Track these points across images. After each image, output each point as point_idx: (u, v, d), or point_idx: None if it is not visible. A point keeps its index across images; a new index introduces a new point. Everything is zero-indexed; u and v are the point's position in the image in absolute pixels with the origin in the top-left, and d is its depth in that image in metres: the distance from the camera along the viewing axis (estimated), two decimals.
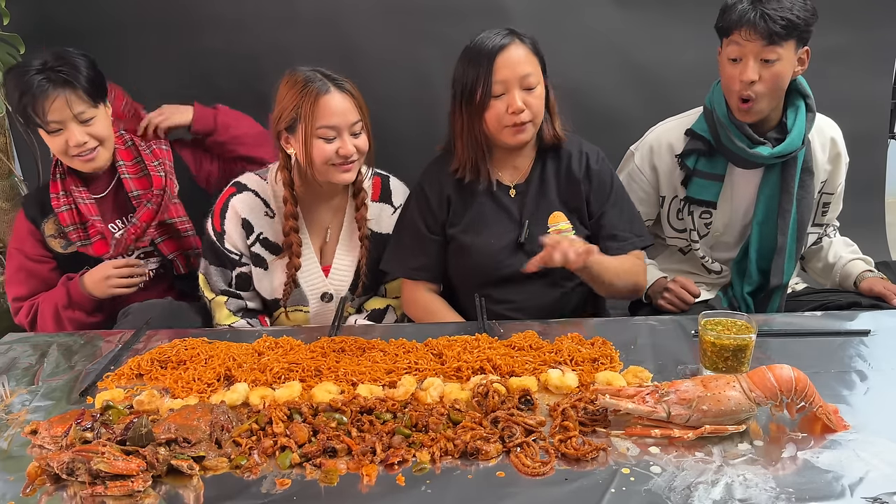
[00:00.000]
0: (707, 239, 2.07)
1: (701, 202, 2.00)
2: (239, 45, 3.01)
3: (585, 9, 3.00)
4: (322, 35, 3.00)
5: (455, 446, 1.18)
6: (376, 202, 1.99)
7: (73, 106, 1.88)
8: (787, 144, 1.87)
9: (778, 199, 1.95)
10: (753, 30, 1.75)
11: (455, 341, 1.59)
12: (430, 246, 1.93)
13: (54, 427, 1.25)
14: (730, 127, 1.89)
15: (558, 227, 1.84)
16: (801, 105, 1.91)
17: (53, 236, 2.06)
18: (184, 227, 2.15)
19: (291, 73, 1.79)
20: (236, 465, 1.17)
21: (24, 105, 1.87)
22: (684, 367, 1.47)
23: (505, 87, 1.73)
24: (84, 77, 1.90)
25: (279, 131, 1.81)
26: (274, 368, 1.48)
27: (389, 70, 3.06)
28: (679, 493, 1.06)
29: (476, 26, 2.87)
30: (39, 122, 1.89)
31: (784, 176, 1.93)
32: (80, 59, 1.92)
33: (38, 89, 1.85)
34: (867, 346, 1.53)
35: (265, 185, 1.93)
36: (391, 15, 2.99)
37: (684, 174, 2.00)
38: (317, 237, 1.96)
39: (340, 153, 1.76)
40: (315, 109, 1.72)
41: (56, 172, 2.04)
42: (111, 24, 2.98)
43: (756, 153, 1.88)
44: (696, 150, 1.96)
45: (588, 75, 3.05)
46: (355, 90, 1.79)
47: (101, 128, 1.96)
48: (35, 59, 1.89)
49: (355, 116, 1.77)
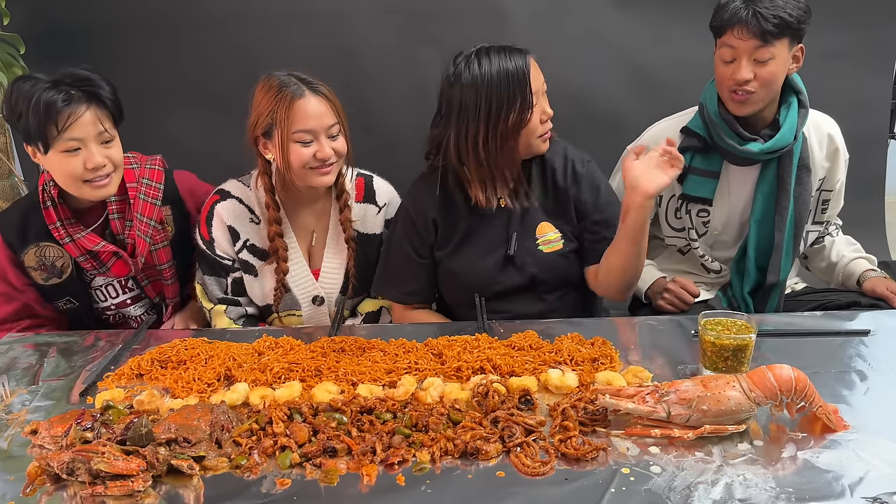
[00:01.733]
0: (706, 238, 2.07)
1: (697, 199, 2.00)
2: (238, 45, 3.01)
3: (585, 10, 3.00)
4: (322, 36, 3.01)
5: (455, 446, 1.18)
6: (360, 203, 1.97)
7: (101, 122, 1.74)
8: (777, 140, 1.87)
9: (775, 197, 1.95)
10: (746, 28, 1.75)
11: (455, 341, 1.59)
12: (419, 270, 1.91)
13: (54, 427, 1.25)
14: (720, 124, 1.90)
15: (547, 237, 1.85)
16: (794, 101, 1.91)
17: (33, 268, 1.90)
18: (169, 273, 2.00)
19: (266, 78, 1.77)
20: (236, 465, 1.17)
21: (40, 122, 1.69)
22: (684, 367, 1.47)
23: (537, 97, 1.73)
24: (109, 91, 1.79)
25: (256, 137, 1.80)
26: (274, 368, 1.48)
27: (388, 71, 3.06)
28: (679, 493, 1.06)
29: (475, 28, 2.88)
30: (54, 140, 1.71)
31: (780, 173, 1.93)
32: (100, 79, 1.79)
33: (63, 103, 1.69)
34: (867, 346, 1.53)
35: (248, 192, 1.92)
36: (390, 16, 2.99)
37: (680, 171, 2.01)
38: (303, 241, 1.96)
39: (318, 156, 1.75)
40: (290, 114, 1.71)
41: (45, 200, 1.83)
42: (111, 24, 2.99)
43: (746, 150, 1.88)
44: (691, 147, 1.97)
45: (587, 76, 3.05)
46: (331, 93, 1.77)
47: (117, 151, 1.82)
48: (41, 75, 1.74)
49: (331, 119, 1.75)
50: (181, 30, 3.00)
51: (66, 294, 1.95)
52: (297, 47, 2.99)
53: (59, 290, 1.94)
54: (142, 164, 1.95)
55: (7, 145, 2.98)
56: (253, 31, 3.00)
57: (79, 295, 1.96)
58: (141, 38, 3.01)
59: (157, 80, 3.03)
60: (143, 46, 3.01)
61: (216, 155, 2.30)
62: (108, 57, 2.93)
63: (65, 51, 2.95)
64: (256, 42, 3.00)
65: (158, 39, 3.01)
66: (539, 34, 3.00)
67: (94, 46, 2.97)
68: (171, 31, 3.00)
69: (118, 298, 2.01)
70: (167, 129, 3.01)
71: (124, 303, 2.02)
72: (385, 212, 1.99)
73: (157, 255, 1.95)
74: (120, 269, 1.92)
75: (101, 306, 2.02)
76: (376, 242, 1.99)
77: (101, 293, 2.00)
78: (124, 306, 2.02)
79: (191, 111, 3.08)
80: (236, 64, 2.99)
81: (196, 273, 1.97)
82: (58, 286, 1.93)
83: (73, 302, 1.96)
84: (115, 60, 2.94)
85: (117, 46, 2.99)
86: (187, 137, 2.97)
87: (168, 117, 3.04)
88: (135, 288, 2.01)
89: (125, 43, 3.00)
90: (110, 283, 1.99)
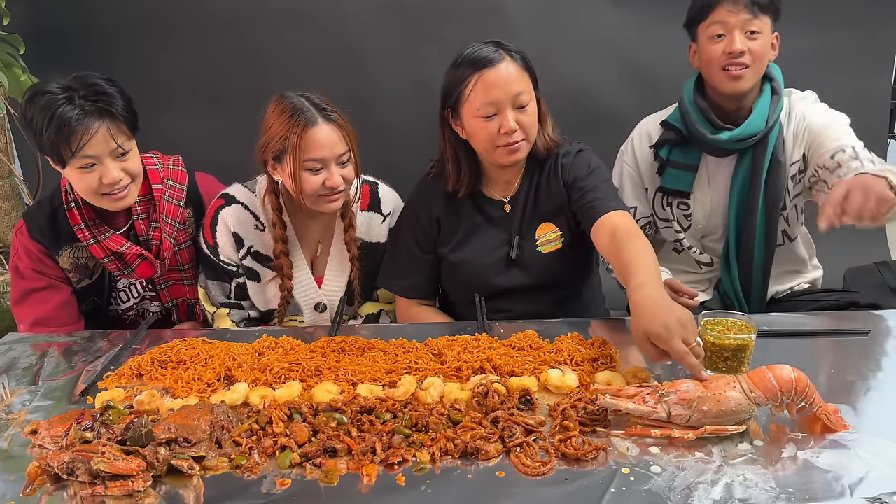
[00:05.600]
0: (692, 231, 2.08)
1: (675, 192, 2.02)
2: (240, 45, 3.01)
3: (584, 9, 3.00)
4: (323, 35, 3.01)
5: (455, 446, 1.18)
6: (365, 211, 1.97)
7: (115, 138, 1.70)
8: (746, 126, 1.88)
9: (748, 188, 1.96)
10: (737, 1, 1.80)
11: (455, 341, 1.59)
12: (422, 265, 1.93)
13: (54, 427, 1.25)
14: (694, 112, 1.92)
15: (546, 237, 1.85)
16: (767, 88, 1.92)
17: (68, 270, 1.91)
18: (191, 273, 2.00)
19: (279, 101, 1.75)
20: (236, 465, 1.17)
21: (56, 140, 1.66)
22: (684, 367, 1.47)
23: (497, 107, 1.69)
24: (121, 105, 1.72)
25: (266, 160, 1.79)
26: (274, 368, 1.48)
27: (389, 71, 3.06)
28: (679, 493, 1.06)
29: (476, 28, 2.88)
30: (69, 159, 1.68)
31: (755, 165, 1.94)
32: (110, 86, 1.73)
33: (77, 122, 1.64)
34: (867, 346, 1.53)
35: (254, 198, 1.91)
36: (391, 15, 2.99)
37: (658, 164, 2.02)
38: (308, 249, 1.96)
39: (327, 184, 1.74)
40: (302, 142, 1.70)
41: (68, 201, 1.83)
42: (111, 24, 2.99)
43: (717, 138, 1.90)
44: (668, 140, 1.99)
45: (586, 75, 3.06)
46: (343, 120, 1.76)
47: (134, 162, 1.79)
48: (55, 85, 1.69)
49: (343, 147, 1.75)
50: (182, 30, 3.00)
51: (92, 295, 1.97)
52: (298, 47, 2.99)
53: (87, 291, 1.95)
54: (165, 165, 1.95)
55: (7, 145, 2.98)
56: (254, 30, 3.01)
57: (102, 296, 1.97)
58: (141, 38, 3.01)
59: (157, 80, 3.03)
60: (143, 46, 3.02)
61: (217, 155, 2.31)
62: (108, 57, 2.94)
63: (65, 51, 2.96)
64: (258, 42, 3.00)
65: (159, 39, 3.01)
66: (539, 33, 3.00)
67: (94, 46, 2.97)
68: (171, 31, 3.01)
69: (137, 300, 2.02)
70: (167, 129, 3.01)
71: (142, 304, 2.04)
72: (390, 220, 1.99)
73: (180, 255, 1.96)
74: (145, 270, 1.91)
75: (121, 308, 2.02)
76: (380, 251, 1.99)
77: (124, 294, 2.01)
78: (142, 307, 2.05)
79: (191, 111, 3.09)
80: (237, 64, 2.99)
81: (200, 276, 1.97)
82: (87, 287, 1.95)
83: (98, 301, 1.98)
84: (116, 60, 2.94)
85: (117, 46, 2.99)
86: (187, 137, 2.97)
87: (168, 117, 3.04)
88: (152, 290, 2.01)
89: (125, 43, 3.00)
90: (132, 284, 2.00)
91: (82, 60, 2.89)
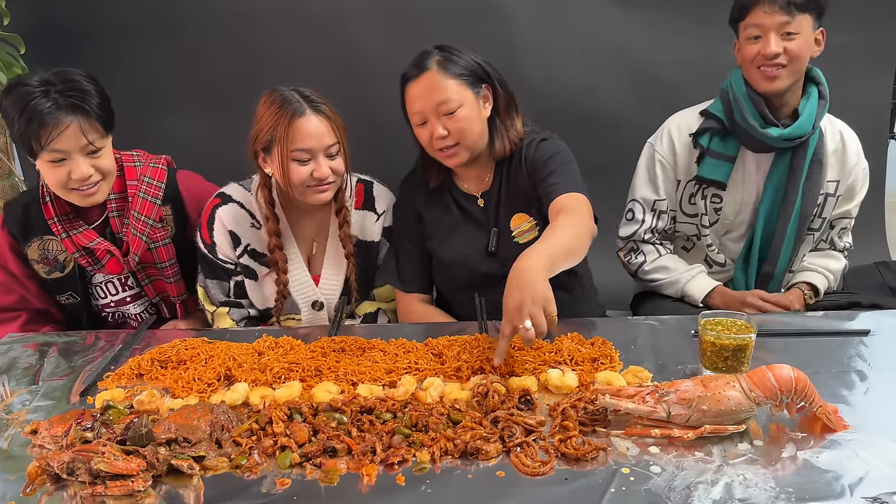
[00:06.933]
0: (717, 227, 2.07)
1: (712, 182, 2.00)
2: (239, 45, 3.01)
3: (584, 9, 3.00)
4: (323, 35, 3.01)
5: (455, 446, 1.18)
6: (359, 210, 1.98)
7: (86, 135, 1.71)
8: (796, 127, 1.89)
9: (784, 188, 1.96)
10: (772, 2, 1.80)
11: (455, 341, 1.59)
12: (415, 258, 1.98)
13: (54, 427, 1.25)
14: (745, 102, 1.91)
15: (521, 227, 1.87)
16: (814, 91, 1.94)
17: (36, 261, 1.93)
18: (170, 271, 1.99)
19: (270, 93, 1.77)
20: (236, 465, 1.17)
21: (27, 132, 1.69)
22: (684, 367, 1.47)
23: (423, 116, 1.77)
24: (96, 103, 1.73)
25: (256, 151, 1.81)
26: (274, 368, 1.48)
27: (389, 70, 3.05)
28: (679, 493, 1.06)
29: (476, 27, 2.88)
30: (39, 151, 1.71)
31: (793, 165, 1.95)
32: (88, 83, 1.75)
33: (48, 115, 1.66)
34: (867, 346, 1.53)
35: (250, 197, 1.92)
36: (391, 15, 2.99)
37: (698, 152, 2.02)
38: (304, 247, 1.96)
39: (315, 175, 1.75)
40: (290, 132, 1.72)
41: (44, 195, 1.86)
42: (111, 24, 2.99)
43: (766, 133, 1.90)
44: (709, 128, 1.99)
45: (587, 75, 3.05)
46: (332, 112, 1.77)
47: (107, 160, 1.80)
48: (35, 78, 1.71)
49: (331, 139, 1.76)
50: (181, 30, 3.00)
51: (68, 289, 1.97)
52: (297, 47, 2.99)
53: (61, 284, 1.96)
54: (145, 163, 1.95)
55: (7, 145, 2.98)
56: (253, 30, 3.00)
57: (80, 290, 1.97)
58: (141, 38, 3.01)
59: (157, 80, 3.03)
60: (143, 46, 3.01)
61: (216, 155, 2.30)
62: (108, 57, 2.93)
63: (65, 51, 2.95)
64: (257, 42, 3.00)
65: (158, 39, 3.01)
66: (539, 33, 3.00)
67: (94, 46, 2.97)
68: (171, 31, 3.00)
69: (117, 296, 2.02)
70: (167, 128, 3.02)
71: (123, 300, 2.03)
72: (384, 219, 1.99)
73: (156, 252, 1.95)
74: (113, 266, 1.92)
75: (100, 303, 2.02)
76: (374, 250, 2.00)
77: (100, 290, 2.01)
78: (123, 304, 2.03)
79: (191, 111, 3.08)
80: (237, 64, 2.99)
81: (199, 276, 1.96)
82: (60, 280, 1.95)
83: (75, 297, 1.98)
84: (116, 60, 2.94)
85: (117, 46, 2.99)
86: (187, 137, 2.96)
87: (168, 117, 3.04)
88: (134, 286, 2.01)
89: (125, 43, 3.00)
90: (110, 280, 1.99)
91: (82, 60, 2.87)
